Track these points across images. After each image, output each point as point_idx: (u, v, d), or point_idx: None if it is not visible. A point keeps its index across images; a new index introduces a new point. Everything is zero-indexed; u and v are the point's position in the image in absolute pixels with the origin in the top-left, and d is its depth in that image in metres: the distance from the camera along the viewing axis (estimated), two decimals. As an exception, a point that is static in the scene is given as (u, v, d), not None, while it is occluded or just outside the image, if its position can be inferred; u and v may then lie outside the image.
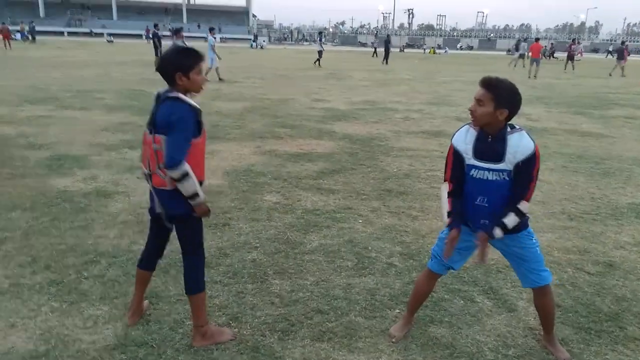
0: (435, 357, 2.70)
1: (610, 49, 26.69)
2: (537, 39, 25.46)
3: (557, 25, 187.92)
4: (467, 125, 2.52)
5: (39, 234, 4.10)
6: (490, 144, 2.40)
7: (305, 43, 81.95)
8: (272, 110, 10.91)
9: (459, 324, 3.01)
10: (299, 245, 4.05)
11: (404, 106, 12.26)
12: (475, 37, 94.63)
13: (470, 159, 2.45)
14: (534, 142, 2.38)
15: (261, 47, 51.73)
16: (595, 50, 77.67)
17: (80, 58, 25.52)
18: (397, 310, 3.14)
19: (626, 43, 31.99)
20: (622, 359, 2.74)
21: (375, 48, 40.79)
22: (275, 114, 10.42)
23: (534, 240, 2.59)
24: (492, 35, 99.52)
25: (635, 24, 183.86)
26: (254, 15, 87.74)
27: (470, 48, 78.46)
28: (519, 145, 2.36)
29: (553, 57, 42.73)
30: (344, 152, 7.26)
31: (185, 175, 2.40)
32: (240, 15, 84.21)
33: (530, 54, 25.04)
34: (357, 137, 8.36)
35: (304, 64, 27.68)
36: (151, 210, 2.71)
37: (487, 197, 2.45)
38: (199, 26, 63.17)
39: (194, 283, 2.71)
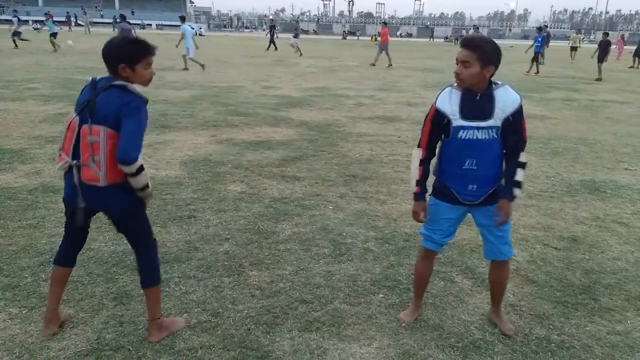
0: (425, 340, 2.69)
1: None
2: (384, 23, 21.62)
3: (489, 13, 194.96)
4: (449, 87, 2.51)
5: (-16, 236, 3.74)
6: (479, 102, 2.42)
7: (246, 30, 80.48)
8: (222, 98, 10.59)
9: (443, 305, 3.02)
10: (271, 234, 3.92)
11: (354, 92, 12.26)
12: (413, 24, 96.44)
13: (457, 120, 2.43)
14: (518, 93, 2.46)
15: (199, 34, 49.71)
16: (526, 37, 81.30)
17: (5, 46, 23.71)
18: (381, 295, 3.10)
19: (548, 28, 28.55)
20: (601, 329, 2.84)
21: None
22: (226, 102, 10.12)
23: None
24: (429, 23, 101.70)
25: (561, 11, 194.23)
26: (190, 1, 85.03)
27: (410, 35, 79.83)
28: (506, 100, 2.43)
29: None
30: (303, 138, 7.15)
31: (141, 169, 2.26)
32: (177, 2, 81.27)
33: (378, 39, 20.90)
34: (313, 123, 8.26)
35: (247, 51, 27.16)
36: (70, 202, 2.45)
37: (476, 159, 2.45)
38: (132, 13, 60.40)
39: (149, 276, 2.56)
